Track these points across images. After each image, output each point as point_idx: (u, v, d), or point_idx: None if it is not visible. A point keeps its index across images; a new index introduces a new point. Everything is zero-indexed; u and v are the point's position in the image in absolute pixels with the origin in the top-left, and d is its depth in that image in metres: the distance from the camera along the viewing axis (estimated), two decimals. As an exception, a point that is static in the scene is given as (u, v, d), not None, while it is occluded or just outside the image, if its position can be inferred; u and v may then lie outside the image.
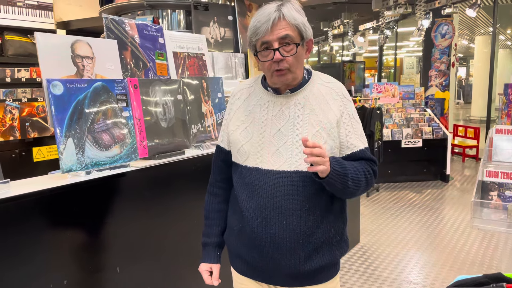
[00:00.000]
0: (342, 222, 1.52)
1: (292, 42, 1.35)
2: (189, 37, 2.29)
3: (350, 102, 1.48)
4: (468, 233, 4.49)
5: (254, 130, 1.47)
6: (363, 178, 1.42)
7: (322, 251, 1.45)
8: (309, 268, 1.43)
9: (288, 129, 1.42)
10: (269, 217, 1.41)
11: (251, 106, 1.50)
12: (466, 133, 8.74)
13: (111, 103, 1.70)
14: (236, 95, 1.58)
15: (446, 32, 8.47)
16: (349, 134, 1.44)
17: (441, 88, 8.41)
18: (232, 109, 1.56)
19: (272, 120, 1.45)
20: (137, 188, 1.78)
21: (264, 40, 1.36)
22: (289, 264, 1.43)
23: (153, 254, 1.84)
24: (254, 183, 1.44)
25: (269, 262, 1.45)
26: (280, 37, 1.34)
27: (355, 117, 1.48)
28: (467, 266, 3.71)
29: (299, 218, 1.40)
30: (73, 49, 1.65)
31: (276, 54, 1.35)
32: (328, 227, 1.45)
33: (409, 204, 5.60)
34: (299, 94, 1.45)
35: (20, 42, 4.49)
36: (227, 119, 1.58)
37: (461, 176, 7.20)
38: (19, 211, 1.38)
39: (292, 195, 1.39)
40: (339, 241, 1.49)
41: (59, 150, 1.54)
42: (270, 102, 1.47)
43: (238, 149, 1.50)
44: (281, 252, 1.42)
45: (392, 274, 3.58)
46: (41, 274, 1.44)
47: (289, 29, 1.34)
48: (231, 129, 1.53)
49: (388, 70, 18.74)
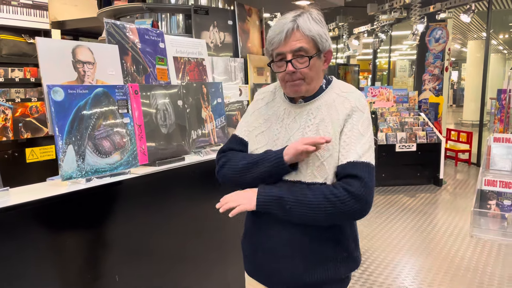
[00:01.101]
0: (351, 239, 1.48)
1: (306, 55, 1.32)
2: (190, 41, 2.27)
3: (362, 112, 1.38)
4: (462, 238, 4.51)
5: (269, 136, 1.46)
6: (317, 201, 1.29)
7: (326, 265, 1.42)
8: (310, 280, 1.41)
9: (296, 139, 1.40)
10: (273, 225, 1.41)
11: (271, 111, 1.50)
12: (459, 137, 8.80)
13: (112, 109, 1.68)
14: (261, 94, 1.57)
15: (440, 37, 8.52)
16: (344, 145, 1.34)
17: (434, 92, 8.46)
18: (255, 106, 1.56)
19: (285, 128, 1.44)
20: (137, 195, 1.75)
21: (278, 51, 1.34)
22: (290, 273, 1.42)
23: (153, 262, 1.82)
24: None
25: (272, 269, 1.45)
26: (294, 49, 1.32)
27: (360, 128, 1.36)
28: (462, 272, 3.73)
29: (303, 229, 1.38)
30: (74, 54, 1.62)
31: (289, 66, 1.33)
32: (334, 242, 1.42)
33: (403, 208, 5.62)
34: (313, 104, 1.42)
35: (14, 42, 4.44)
36: (248, 112, 1.56)
37: (454, 181, 7.24)
38: (19, 220, 1.35)
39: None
40: (346, 258, 1.45)
41: (59, 157, 1.51)
42: (286, 110, 1.46)
43: (252, 151, 1.49)
44: (283, 261, 1.42)
45: (387, 280, 3.59)
46: (40, 283, 1.41)
47: (303, 41, 1.32)
48: (250, 129, 1.52)
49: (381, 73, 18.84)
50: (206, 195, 2.12)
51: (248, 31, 2.76)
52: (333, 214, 1.29)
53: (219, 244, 2.19)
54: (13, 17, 4.41)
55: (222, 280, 2.21)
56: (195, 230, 2.04)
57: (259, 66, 2.73)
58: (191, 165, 2.00)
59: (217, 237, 2.18)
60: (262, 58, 2.79)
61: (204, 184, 2.09)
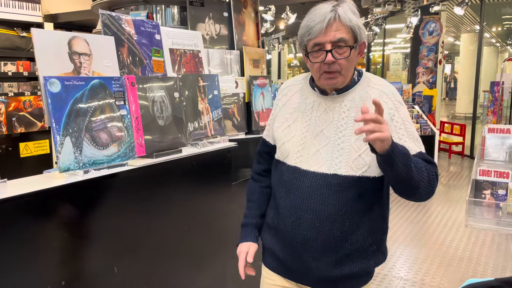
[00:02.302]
0: (382, 231, 1.46)
1: (346, 45, 1.29)
2: (185, 33, 2.26)
3: (403, 105, 1.39)
4: (456, 228, 4.56)
5: (297, 129, 1.44)
6: (425, 171, 1.28)
7: (355, 258, 1.39)
8: (338, 273, 1.39)
9: (331, 131, 1.38)
10: (302, 217, 1.38)
11: (297, 104, 1.47)
12: (452, 130, 8.86)
13: (109, 101, 1.67)
14: (283, 91, 1.55)
15: (434, 30, 8.55)
16: (403, 138, 1.34)
17: (428, 85, 8.50)
18: (278, 105, 1.54)
19: (316, 121, 1.41)
20: (135, 187, 1.75)
21: (317, 41, 1.30)
22: (318, 267, 1.39)
23: (151, 254, 1.82)
24: (291, 182, 1.41)
25: (299, 262, 1.42)
26: (334, 40, 1.28)
27: (409, 120, 1.38)
28: (456, 262, 3.77)
29: (333, 222, 1.35)
30: (70, 46, 1.61)
31: (328, 56, 1.29)
32: (365, 234, 1.39)
33: (398, 200, 5.66)
34: (346, 96, 1.39)
35: (7, 35, 4.39)
36: (273, 114, 1.56)
37: (447, 173, 7.30)
38: (16, 212, 1.35)
39: (328, 199, 1.35)
40: (375, 251, 1.43)
41: (56, 149, 1.50)
42: (315, 102, 1.43)
43: (279, 146, 1.49)
44: (311, 254, 1.39)
45: (383, 270, 3.62)
46: (39, 275, 1.41)
47: (344, 31, 1.29)
48: (276, 126, 1.51)
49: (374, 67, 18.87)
50: (203, 187, 2.13)
51: (244, 23, 2.75)
52: (428, 187, 1.28)
53: (218, 236, 2.20)
54: (5, 10, 4.37)
55: (221, 272, 2.22)
56: (193, 221, 2.04)
57: (255, 58, 2.73)
58: (189, 157, 2.00)
59: (215, 229, 2.18)
60: (257, 50, 2.79)
61: (201, 176, 2.10)
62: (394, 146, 1.17)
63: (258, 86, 2.67)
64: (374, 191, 1.39)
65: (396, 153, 1.17)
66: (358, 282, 1.45)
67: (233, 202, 2.27)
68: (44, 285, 1.43)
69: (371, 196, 1.39)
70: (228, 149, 2.24)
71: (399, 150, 1.19)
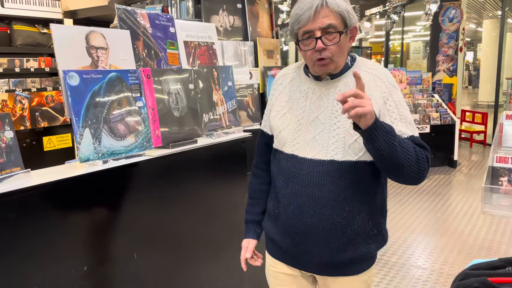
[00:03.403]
0: (381, 215, 1.47)
1: (335, 31, 1.30)
2: (199, 26, 2.29)
3: (396, 89, 1.39)
4: (476, 218, 4.51)
5: (292, 116, 1.45)
6: (412, 152, 1.28)
7: (357, 243, 1.41)
8: (341, 258, 1.41)
9: (326, 117, 1.39)
10: (302, 205, 1.40)
11: (292, 92, 1.49)
12: (474, 119, 8.71)
13: (126, 93, 1.73)
14: (278, 80, 1.57)
15: (454, 16, 8.37)
16: (395, 121, 1.35)
17: (448, 73, 8.35)
18: (274, 94, 1.56)
19: (310, 107, 1.42)
20: (152, 176, 1.81)
21: (306, 29, 1.32)
22: (321, 253, 1.41)
23: (168, 241, 1.88)
24: (290, 170, 1.43)
25: (301, 250, 1.45)
26: (323, 26, 1.29)
27: (403, 104, 1.38)
28: (475, 251, 3.74)
29: (333, 208, 1.37)
30: (87, 40, 1.67)
31: (318, 43, 1.30)
32: (365, 219, 1.40)
33: (417, 189, 5.62)
34: (340, 81, 1.40)
35: (28, 32, 4.51)
36: (270, 104, 1.58)
37: (469, 162, 7.19)
38: (40, 200, 1.42)
39: (326, 185, 1.36)
40: (376, 235, 1.45)
41: (77, 140, 1.57)
42: (310, 88, 1.45)
43: (276, 135, 1.50)
44: (313, 240, 1.41)
45: (400, 259, 3.62)
46: (62, 260, 1.48)
47: (332, 18, 1.30)
48: (273, 115, 1.53)
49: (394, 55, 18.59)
50: (219, 177, 2.17)
51: (257, 14, 2.77)
52: (413, 166, 1.28)
53: (233, 225, 2.24)
54: (27, 7, 4.48)
55: (236, 260, 2.27)
56: (209, 210, 2.09)
57: (269, 49, 2.75)
58: (204, 148, 2.05)
59: (231, 218, 2.23)
60: (271, 41, 2.81)
61: (217, 166, 2.14)
62: (376, 122, 1.18)
63: (273, 77, 2.69)
64: (372, 175, 1.40)
65: (378, 129, 1.19)
66: (361, 267, 1.47)
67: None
68: (67, 270, 1.50)
69: (369, 180, 1.40)
70: (243, 139, 2.28)
71: (381, 126, 1.20)
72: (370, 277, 1.51)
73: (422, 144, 1.36)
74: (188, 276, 2.00)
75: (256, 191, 1.66)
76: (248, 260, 1.63)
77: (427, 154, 1.34)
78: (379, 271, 3.42)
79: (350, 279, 1.47)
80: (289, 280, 1.56)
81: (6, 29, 4.42)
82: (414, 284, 3.20)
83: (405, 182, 1.34)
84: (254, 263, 1.64)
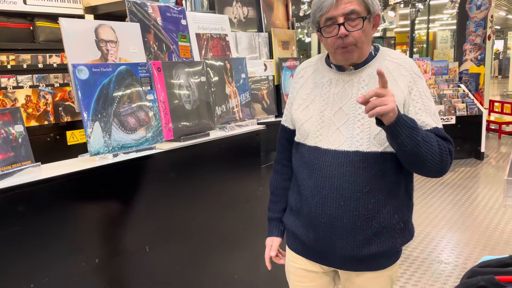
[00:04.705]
0: (408, 209, 1.44)
1: (358, 17, 1.28)
2: (212, 17, 2.27)
3: (421, 78, 1.37)
4: (503, 212, 4.36)
5: (315, 108, 1.43)
6: (435, 146, 1.26)
7: (383, 237, 1.38)
8: (366, 253, 1.38)
9: (350, 108, 1.36)
10: (326, 197, 1.37)
11: (313, 84, 1.46)
12: (503, 109, 8.42)
13: (136, 87, 1.72)
14: (299, 73, 1.55)
15: (482, 4, 8.08)
16: (419, 112, 1.32)
17: (476, 63, 8.09)
18: (295, 88, 1.54)
19: (334, 98, 1.40)
20: (164, 169, 1.81)
21: (328, 16, 1.29)
22: (345, 246, 1.38)
23: (180, 234, 1.88)
24: (313, 162, 1.41)
25: (325, 243, 1.41)
26: (346, 12, 1.27)
27: (427, 94, 1.36)
28: (501, 246, 3.62)
29: (358, 200, 1.34)
30: (97, 34, 1.67)
31: (341, 29, 1.28)
32: (391, 212, 1.37)
33: (442, 182, 5.49)
34: (364, 71, 1.37)
35: (51, 28, 4.59)
36: (291, 98, 1.56)
37: (497, 154, 6.97)
38: (51, 193, 1.43)
39: (351, 176, 1.34)
40: (403, 229, 1.41)
41: (87, 134, 1.58)
42: (333, 79, 1.42)
43: (298, 128, 1.48)
44: (337, 233, 1.38)
45: (422, 254, 3.54)
46: (73, 253, 1.50)
47: (355, 3, 1.27)
48: (294, 108, 1.51)
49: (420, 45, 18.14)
50: (232, 170, 2.16)
51: (272, 5, 2.73)
52: (436, 161, 1.26)
53: (248, 218, 2.23)
54: (49, 4, 4.56)
55: (250, 255, 2.26)
56: (222, 203, 2.08)
57: (284, 40, 2.71)
58: (216, 140, 2.03)
59: (245, 211, 2.22)
60: (287, 32, 2.76)
61: (230, 159, 2.13)
62: (399, 118, 1.17)
63: (288, 68, 2.65)
64: (398, 167, 1.36)
65: (401, 125, 1.17)
66: (386, 262, 1.43)
67: (262, 185, 2.29)
68: (79, 262, 1.52)
69: (395, 172, 1.37)
70: (257, 132, 2.25)
71: (404, 122, 1.18)
72: (394, 273, 1.48)
73: (446, 136, 1.33)
74: (201, 269, 1.99)
75: (278, 188, 1.64)
76: (273, 258, 1.62)
77: (450, 147, 1.31)
78: (401, 265, 3.35)
79: (375, 274, 1.43)
80: (310, 276, 1.53)
81: (29, 25, 4.52)
82: (436, 279, 3.12)
83: (428, 175, 1.32)
84: (279, 261, 1.62)
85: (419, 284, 3.06)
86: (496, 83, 19.43)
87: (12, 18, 4.34)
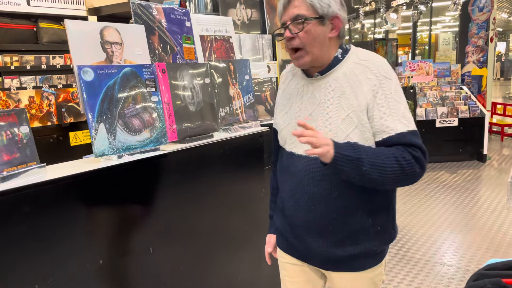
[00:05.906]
0: (386, 212, 1.43)
1: (304, 19, 1.30)
2: (216, 19, 2.28)
3: (389, 79, 1.32)
4: (506, 214, 4.36)
5: (292, 114, 1.48)
6: (390, 164, 1.23)
7: (357, 239, 1.39)
8: (341, 254, 1.41)
9: (318, 114, 1.38)
10: (299, 201, 1.42)
11: (291, 89, 1.51)
12: (505, 111, 8.41)
13: (140, 88, 1.73)
14: (282, 77, 1.60)
15: (484, 6, 8.08)
16: (384, 116, 1.29)
17: (478, 65, 8.08)
18: (279, 92, 1.59)
19: (305, 104, 1.43)
20: (168, 171, 1.81)
21: (282, 21, 1.36)
22: (319, 248, 1.43)
23: (184, 235, 1.88)
24: (289, 167, 1.46)
25: (302, 244, 1.47)
26: (292, 16, 1.32)
27: (395, 97, 1.31)
28: (504, 248, 3.61)
29: (327, 204, 1.37)
30: (102, 35, 1.68)
31: (286, 32, 1.33)
32: (364, 216, 1.38)
33: (444, 184, 5.48)
34: (329, 76, 1.38)
35: (54, 30, 4.60)
36: (277, 101, 1.61)
37: (499, 156, 6.96)
38: (56, 194, 1.43)
39: (320, 181, 1.36)
40: (380, 232, 1.41)
41: (92, 135, 1.58)
42: (304, 86, 1.45)
43: (279, 133, 1.54)
44: (311, 235, 1.43)
45: (425, 256, 3.54)
46: (78, 254, 1.50)
47: (302, 8, 1.30)
48: (277, 112, 1.57)
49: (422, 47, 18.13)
50: (236, 171, 2.16)
51: (276, 7, 2.74)
52: (399, 177, 1.25)
53: (251, 219, 2.23)
54: (52, 5, 4.57)
55: (254, 256, 2.26)
56: (226, 205, 2.08)
57: (288, 42, 2.72)
58: (220, 142, 2.04)
59: (248, 212, 2.22)
60: (290, 33, 2.77)
61: (233, 161, 2.13)
62: (337, 155, 1.20)
63: (291, 70, 2.65)
64: None
65: (342, 162, 1.21)
66: (365, 263, 1.44)
67: (266, 186, 2.29)
68: (83, 263, 1.52)
69: None
70: (260, 133, 2.26)
71: (344, 157, 1.21)
72: (377, 276, 1.48)
73: (413, 142, 1.28)
74: (204, 271, 2.00)
75: (275, 187, 1.68)
76: (273, 253, 1.70)
77: (416, 154, 1.27)
78: (403, 267, 3.35)
79: (354, 275, 1.45)
80: (297, 271, 1.57)
81: (33, 27, 4.53)
82: (438, 282, 3.11)
83: (397, 186, 1.37)
84: (277, 256, 1.69)
85: (421, 286, 3.06)
86: (499, 85, 19.40)
87: (15, 19, 4.35)
